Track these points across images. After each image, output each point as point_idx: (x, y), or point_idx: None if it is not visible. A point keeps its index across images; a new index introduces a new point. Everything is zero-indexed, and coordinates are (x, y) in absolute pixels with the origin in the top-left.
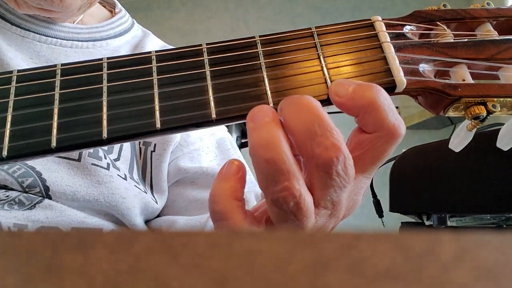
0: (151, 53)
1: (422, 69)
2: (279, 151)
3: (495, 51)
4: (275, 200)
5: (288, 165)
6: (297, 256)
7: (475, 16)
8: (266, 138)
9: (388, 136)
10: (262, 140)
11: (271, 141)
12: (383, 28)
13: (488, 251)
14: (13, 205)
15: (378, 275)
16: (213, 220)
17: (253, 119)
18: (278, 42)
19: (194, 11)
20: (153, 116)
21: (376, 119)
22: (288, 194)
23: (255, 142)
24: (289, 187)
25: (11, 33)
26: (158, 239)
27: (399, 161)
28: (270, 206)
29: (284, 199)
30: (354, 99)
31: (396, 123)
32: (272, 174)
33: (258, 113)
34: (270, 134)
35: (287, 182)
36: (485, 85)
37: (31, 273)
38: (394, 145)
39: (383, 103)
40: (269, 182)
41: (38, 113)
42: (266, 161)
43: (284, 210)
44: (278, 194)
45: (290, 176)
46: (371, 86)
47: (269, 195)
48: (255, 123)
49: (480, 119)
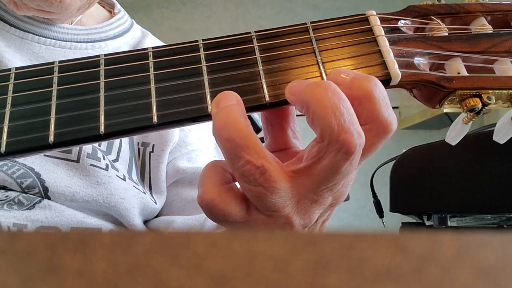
0: (147, 50)
1: (417, 62)
2: (235, 129)
3: (490, 45)
4: (241, 175)
5: (246, 140)
6: (297, 256)
7: (469, 10)
8: (225, 117)
9: (380, 130)
10: (221, 121)
11: (228, 120)
12: (377, 22)
13: (489, 251)
14: (12, 205)
15: (378, 275)
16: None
17: (217, 105)
18: (274, 37)
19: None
20: (150, 111)
21: (370, 111)
22: (250, 166)
23: (216, 123)
24: (250, 160)
25: (9, 35)
26: (157, 239)
27: (399, 161)
28: (241, 183)
29: (248, 171)
30: (352, 89)
31: (389, 118)
32: (234, 150)
33: (222, 99)
34: (229, 114)
35: (247, 156)
36: (480, 77)
37: (30, 273)
38: (385, 139)
39: (378, 96)
40: (232, 159)
41: (36, 109)
42: (226, 139)
43: (253, 183)
44: (242, 169)
45: (250, 150)
46: (369, 78)
47: (236, 171)
48: (218, 108)
49: (476, 111)
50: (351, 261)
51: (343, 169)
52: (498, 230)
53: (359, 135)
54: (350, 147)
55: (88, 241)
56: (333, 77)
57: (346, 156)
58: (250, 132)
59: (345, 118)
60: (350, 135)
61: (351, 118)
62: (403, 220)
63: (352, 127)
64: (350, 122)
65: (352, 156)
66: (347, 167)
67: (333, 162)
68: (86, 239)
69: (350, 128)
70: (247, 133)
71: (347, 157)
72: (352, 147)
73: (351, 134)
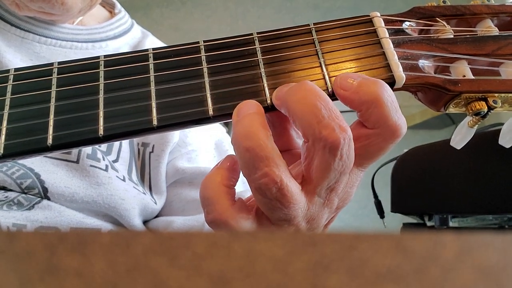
0: (148, 51)
1: (421, 64)
2: (257, 139)
3: (496, 47)
4: (258, 187)
5: (267, 151)
6: (297, 257)
7: (475, 12)
8: (246, 127)
9: (388, 135)
10: (242, 130)
11: (250, 130)
12: (381, 24)
13: (490, 251)
14: (12, 206)
15: (379, 276)
16: (202, 206)
17: (237, 113)
18: (276, 38)
19: (194, 10)
20: (150, 114)
21: (379, 116)
22: (268, 180)
23: (236, 132)
24: (268, 173)
25: (10, 34)
26: (156, 239)
27: (400, 161)
28: (255, 195)
29: (266, 185)
30: (359, 93)
31: (398, 122)
32: (252, 161)
33: (243, 108)
34: (250, 123)
35: (266, 168)
36: (485, 80)
37: (29, 273)
38: (393, 143)
39: (387, 100)
40: (250, 170)
41: (34, 111)
42: (246, 149)
43: (268, 197)
44: (259, 181)
45: (270, 162)
46: (377, 82)
47: (252, 183)
48: (239, 117)
49: (481, 115)
50: (352, 261)
51: (336, 166)
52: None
53: (341, 128)
54: (334, 142)
55: (87, 242)
56: (339, 83)
57: (333, 152)
58: (271, 143)
59: (323, 114)
60: (332, 130)
61: (331, 114)
62: (404, 220)
63: (333, 122)
64: (330, 118)
65: (338, 151)
66: (338, 163)
67: (322, 160)
68: (85, 240)
69: (331, 124)
70: (268, 144)
71: (334, 152)
72: (336, 141)
73: (332, 129)
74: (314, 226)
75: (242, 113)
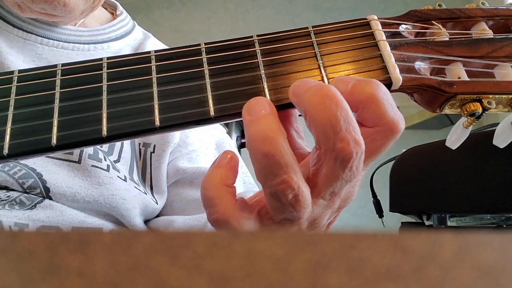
0: (150, 53)
1: (418, 66)
2: (276, 145)
3: (490, 49)
4: (274, 193)
5: (286, 158)
6: (297, 256)
7: (470, 15)
8: (264, 131)
9: (388, 131)
10: (259, 134)
11: (268, 134)
12: (379, 27)
13: (488, 251)
14: (14, 205)
15: (378, 275)
16: (204, 207)
17: (249, 112)
18: (276, 41)
19: (194, 11)
20: (152, 114)
21: (376, 113)
22: (286, 187)
23: (253, 136)
24: (287, 180)
25: (13, 36)
26: (157, 239)
27: (399, 161)
28: (269, 199)
29: (282, 192)
30: (354, 94)
31: (395, 118)
32: (270, 167)
33: (255, 106)
34: (268, 127)
35: (285, 175)
36: (480, 82)
37: (30, 273)
38: (393, 139)
39: (382, 98)
40: (267, 176)
41: (39, 112)
42: (264, 155)
43: (283, 202)
44: (276, 187)
45: (288, 169)
46: (371, 82)
47: (268, 188)
48: (252, 116)
49: (476, 116)
50: (351, 261)
51: (344, 176)
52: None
53: (355, 143)
54: (346, 156)
55: (88, 241)
56: (335, 85)
57: (344, 164)
58: (289, 148)
59: (341, 126)
60: (346, 143)
61: (348, 126)
62: (403, 220)
63: (349, 135)
64: (347, 130)
65: (349, 164)
66: (347, 174)
67: (331, 170)
68: (86, 239)
69: (347, 137)
70: (287, 151)
71: (345, 164)
72: (348, 155)
73: (347, 143)
74: (316, 226)
75: (256, 112)
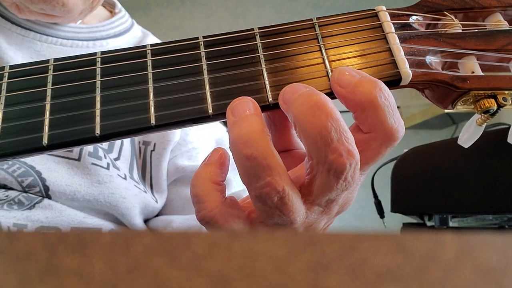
0: (146, 47)
1: (428, 60)
2: (258, 147)
3: (506, 42)
4: (259, 196)
5: (269, 160)
6: (298, 257)
7: (484, 6)
8: (246, 133)
9: (385, 139)
10: (241, 136)
11: (251, 136)
12: (387, 18)
13: (491, 252)
14: (12, 205)
15: (379, 276)
16: (193, 204)
17: (233, 112)
18: (278, 34)
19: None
20: (148, 112)
21: (374, 119)
22: (270, 189)
23: (235, 138)
24: (271, 183)
25: (11, 32)
26: (156, 239)
27: (400, 161)
28: (255, 202)
29: (267, 194)
30: (355, 93)
31: (395, 125)
32: (254, 170)
33: (238, 106)
34: (250, 128)
35: (269, 177)
36: (495, 77)
37: (28, 274)
38: (390, 147)
39: (383, 104)
40: (251, 178)
41: (30, 110)
42: (247, 157)
43: (269, 205)
44: (260, 190)
45: (272, 172)
46: (374, 83)
47: (252, 191)
48: (235, 117)
49: (490, 113)
50: (352, 262)
51: (339, 186)
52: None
53: (349, 153)
54: (339, 168)
55: (87, 242)
56: (337, 77)
57: (338, 175)
58: (273, 149)
59: (333, 137)
60: (339, 155)
61: (340, 136)
62: (404, 220)
63: (341, 146)
64: (339, 141)
65: (343, 175)
66: (342, 184)
67: (325, 181)
68: (85, 240)
69: (339, 148)
70: (270, 152)
71: (339, 176)
72: (341, 167)
73: (339, 154)
74: (311, 231)
75: (239, 113)
